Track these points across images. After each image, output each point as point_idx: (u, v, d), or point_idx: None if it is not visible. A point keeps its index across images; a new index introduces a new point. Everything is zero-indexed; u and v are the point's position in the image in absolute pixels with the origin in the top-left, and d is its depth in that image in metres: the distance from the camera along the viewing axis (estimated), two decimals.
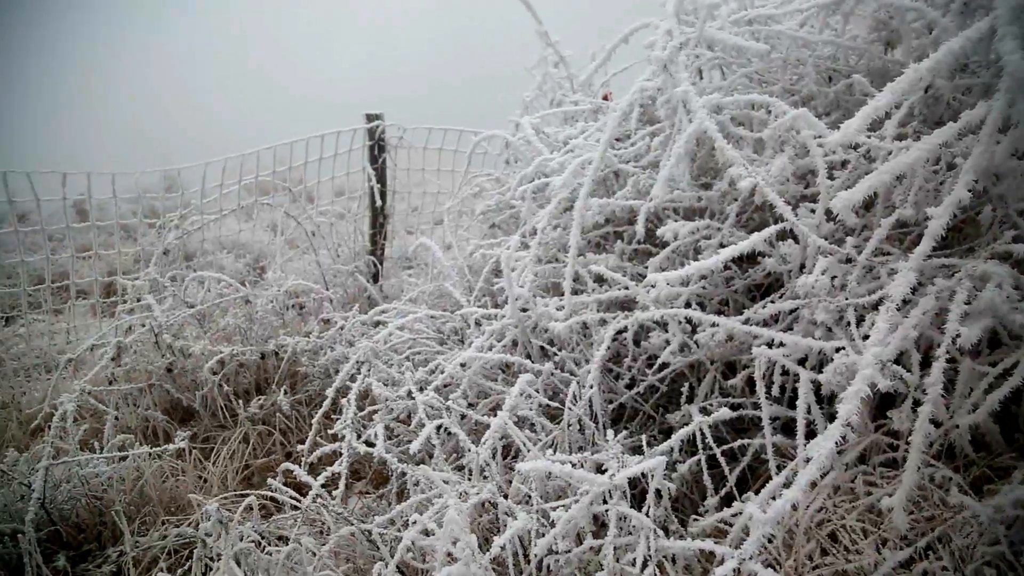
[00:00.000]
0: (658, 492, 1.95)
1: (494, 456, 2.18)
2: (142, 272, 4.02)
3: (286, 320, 3.97)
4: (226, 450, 3.33)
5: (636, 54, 3.46)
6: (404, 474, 2.33)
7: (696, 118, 2.26)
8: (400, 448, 2.70)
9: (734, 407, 2.28)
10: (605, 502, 1.87)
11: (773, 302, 2.28)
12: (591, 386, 2.31)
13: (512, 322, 2.58)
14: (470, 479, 2.14)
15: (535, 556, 1.83)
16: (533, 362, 2.60)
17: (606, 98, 3.91)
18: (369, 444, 2.43)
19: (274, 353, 3.66)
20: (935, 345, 1.72)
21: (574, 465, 1.88)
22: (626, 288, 2.45)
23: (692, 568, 1.97)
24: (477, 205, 3.82)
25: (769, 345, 2.11)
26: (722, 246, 2.42)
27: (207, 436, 3.63)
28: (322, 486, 2.27)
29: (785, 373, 2.15)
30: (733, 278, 2.65)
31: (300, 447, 3.53)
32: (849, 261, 2.12)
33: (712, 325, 2.25)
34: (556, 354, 2.64)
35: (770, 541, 1.92)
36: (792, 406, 2.07)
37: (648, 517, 1.84)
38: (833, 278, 2.08)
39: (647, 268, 2.68)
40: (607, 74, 3.88)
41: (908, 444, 1.66)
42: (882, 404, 2.10)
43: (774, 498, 1.77)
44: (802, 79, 2.73)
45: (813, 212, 2.21)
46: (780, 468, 2.01)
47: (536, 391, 2.39)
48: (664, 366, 2.47)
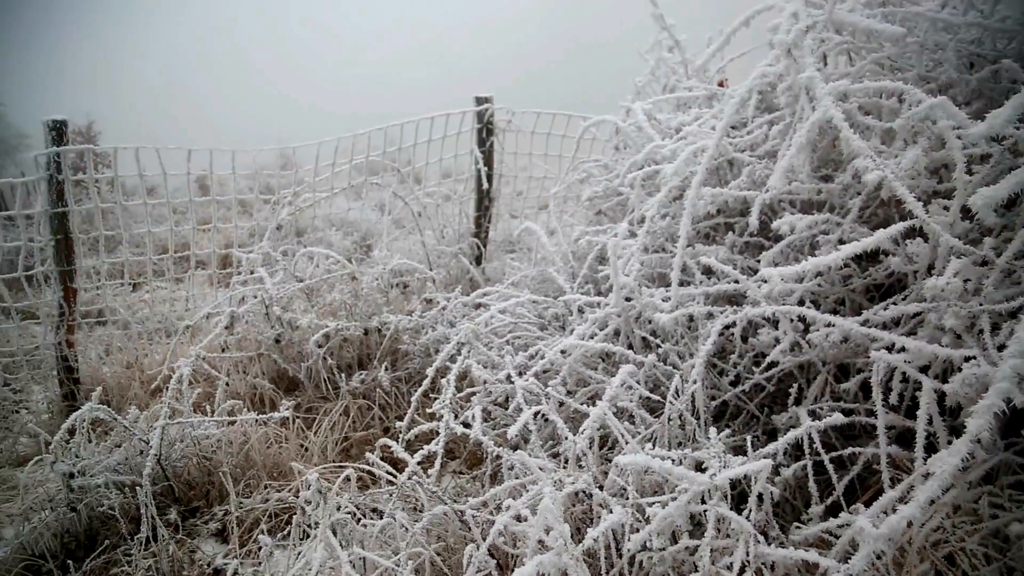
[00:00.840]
0: (759, 496, 1.87)
1: (591, 446, 2.15)
2: (256, 246, 4.18)
3: (390, 298, 4.05)
4: (327, 421, 3.44)
5: (756, 39, 3.32)
6: (499, 457, 2.33)
7: (820, 106, 2.14)
8: (496, 431, 2.70)
9: (846, 412, 2.16)
10: (703, 501, 1.81)
11: (896, 304, 2.14)
12: (695, 381, 2.23)
13: (616, 311, 2.53)
14: (565, 467, 2.11)
15: (628, 551, 1.80)
16: (635, 353, 2.55)
17: (721, 84, 3.78)
18: (466, 425, 2.44)
19: (377, 330, 3.74)
20: None
21: (674, 462, 1.83)
22: (736, 282, 2.36)
23: None
24: (584, 191, 3.77)
25: (889, 349, 1.98)
26: (841, 242, 2.29)
27: (310, 406, 3.76)
28: (418, 464, 2.30)
29: (905, 380, 2.02)
30: (851, 276, 2.51)
31: (398, 423, 3.62)
32: (985, 264, 1.96)
33: (827, 325, 2.13)
34: (659, 346, 2.58)
35: (879, 558, 1.81)
36: (910, 415, 1.95)
37: (748, 521, 1.77)
38: (966, 281, 1.93)
39: (758, 262, 2.58)
40: (723, 59, 3.74)
41: None
42: (1015, 421, 1.95)
43: (886, 513, 1.67)
44: (940, 65, 2.54)
45: (946, 210, 2.05)
46: (894, 481, 1.89)
47: (637, 383, 2.34)
48: (772, 365, 2.37)
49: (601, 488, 2.01)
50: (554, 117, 5.48)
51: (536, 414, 2.31)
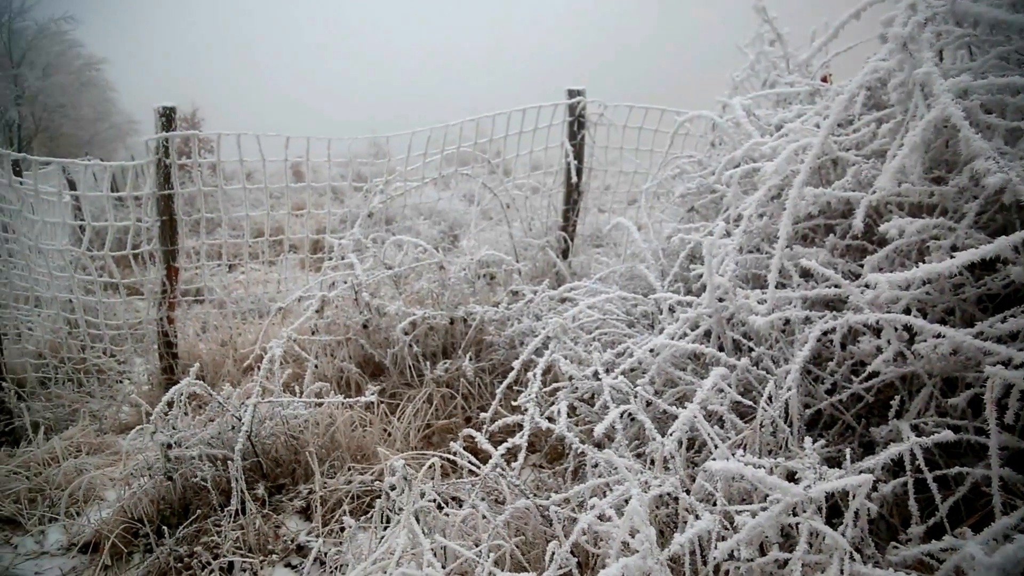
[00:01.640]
0: (856, 512, 1.79)
1: (679, 448, 2.10)
2: (348, 232, 4.27)
3: (476, 288, 4.07)
4: (411, 408, 3.49)
5: (864, 32, 3.17)
6: (582, 454, 2.31)
7: (938, 103, 2.02)
8: (581, 428, 2.68)
9: (954, 429, 2.04)
10: (795, 513, 1.74)
11: (1015, 316, 2.01)
12: (789, 387, 2.15)
13: (708, 311, 2.47)
14: (651, 468, 2.08)
15: (714, 560, 1.75)
16: (727, 355, 2.48)
17: (825, 80, 3.63)
18: (550, 420, 2.43)
19: (463, 320, 3.77)
20: None
21: (765, 470, 1.77)
22: (837, 286, 2.26)
23: None
24: (676, 187, 3.70)
25: (1005, 365, 1.86)
26: (955, 249, 2.16)
27: (394, 392, 3.82)
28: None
29: (1022, 399, 1.89)
30: (963, 285, 2.37)
31: (480, 413, 3.63)
32: None
33: (936, 336, 2.02)
34: (752, 349, 2.50)
35: None
36: None
37: (844, 537, 1.69)
38: None
39: (861, 266, 2.46)
40: (827, 54, 3.59)
41: None
42: None
43: (998, 540, 1.57)
44: None
45: None
46: (1006, 506, 1.78)
47: (728, 386, 2.27)
48: (873, 375, 2.26)
49: (688, 492, 1.96)
50: (647, 111, 5.39)
51: (623, 413, 2.27)
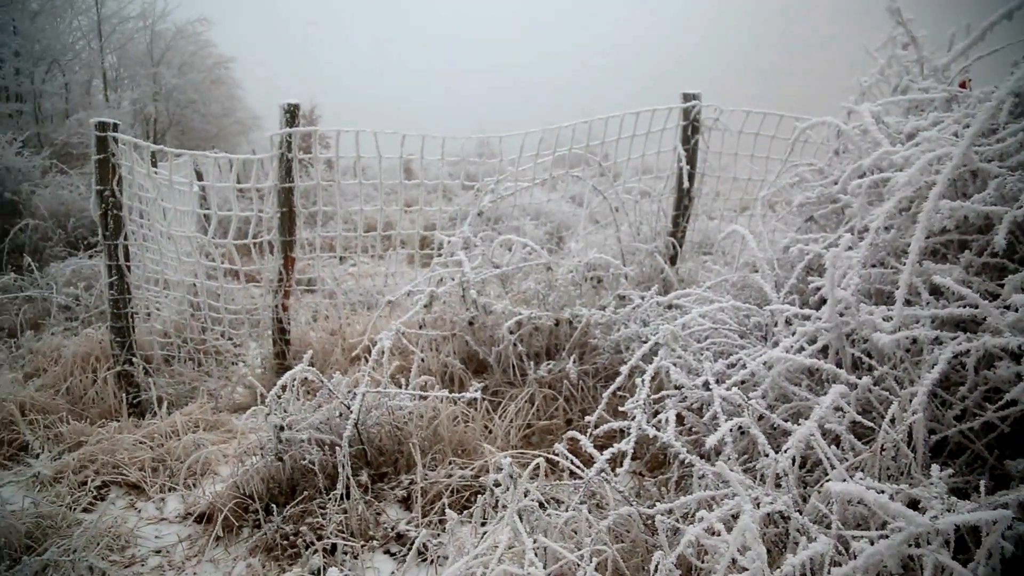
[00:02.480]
0: (989, 550, 1.67)
1: (792, 466, 2.03)
2: (457, 230, 4.33)
3: (582, 291, 4.06)
4: (513, 407, 3.50)
5: (1009, 35, 2.98)
6: (688, 465, 2.26)
7: None
8: (688, 438, 2.63)
9: None
10: (917, 544, 1.64)
11: None
12: (915, 411, 2.04)
13: (828, 326, 2.37)
14: (761, 485, 2.01)
15: None
16: (846, 372, 2.37)
17: (963, 86, 3.42)
18: (656, 428, 2.39)
19: (568, 321, 3.76)
20: None
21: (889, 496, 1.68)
22: (974, 306, 2.12)
23: None
24: (795, 196, 3.57)
25: None
26: None
27: (496, 390, 3.86)
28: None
29: None
30: None
31: (584, 418, 3.61)
32: None
33: None
34: (874, 368, 2.38)
35: None
36: None
37: None
38: None
39: (1000, 286, 2.31)
40: (967, 58, 3.38)
41: None
42: None
43: None
44: None
45: None
46: None
47: (847, 404, 2.17)
48: (1011, 404, 2.12)
49: (800, 512, 1.89)
50: (764, 116, 5.24)
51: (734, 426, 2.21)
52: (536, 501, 2.07)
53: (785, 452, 1.94)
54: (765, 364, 2.40)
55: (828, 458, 1.96)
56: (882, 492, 1.67)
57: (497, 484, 2.00)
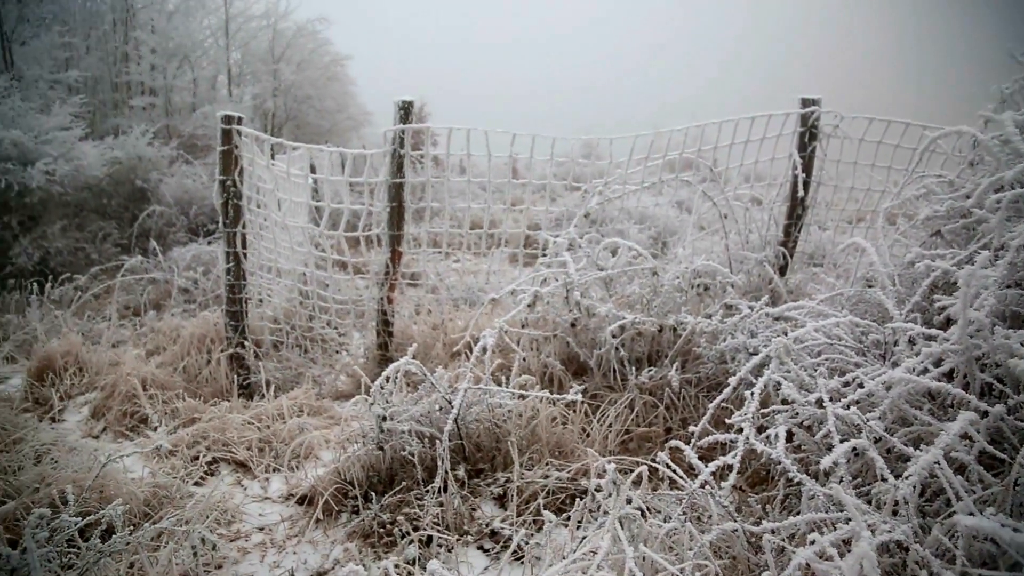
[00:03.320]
0: None
1: (912, 493, 1.91)
2: (564, 231, 4.31)
3: (687, 297, 3.96)
4: (613, 411, 3.46)
5: None
6: (797, 484, 2.17)
7: None
8: (795, 455, 2.52)
9: None
10: None
11: None
12: None
13: (957, 348, 2.22)
14: (877, 511, 1.90)
15: None
16: (975, 399, 2.22)
17: None
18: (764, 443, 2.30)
19: (672, 328, 3.68)
20: None
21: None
22: None
23: None
24: (921, 209, 3.38)
25: None
26: None
27: (595, 393, 3.81)
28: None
29: None
30: None
31: (684, 427, 3.52)
32: None
33: None
34: (1008, 396, 2.22)
35: None
36: None
37: None
38: None
39: None
40: None
41: None
42: None
43: None
44: None
45: None
46: None
47: (977, 433, 2.03)
48: None
49: (920, 544, 1.78)
50: (888, 124, 4.98)
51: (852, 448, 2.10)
52: (639, 509, 2.03)
53: (906, 479, 1.83)
54: (884, 384, 2.27)
55: (954, 489, 1.83)
56: (1017, 530, 1.55)
57: (599, 489, 1.97)
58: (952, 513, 1.83)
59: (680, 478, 2.32)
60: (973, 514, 1.73)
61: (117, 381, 4.58)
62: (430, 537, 2.79)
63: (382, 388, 3.23)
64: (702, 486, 2.13)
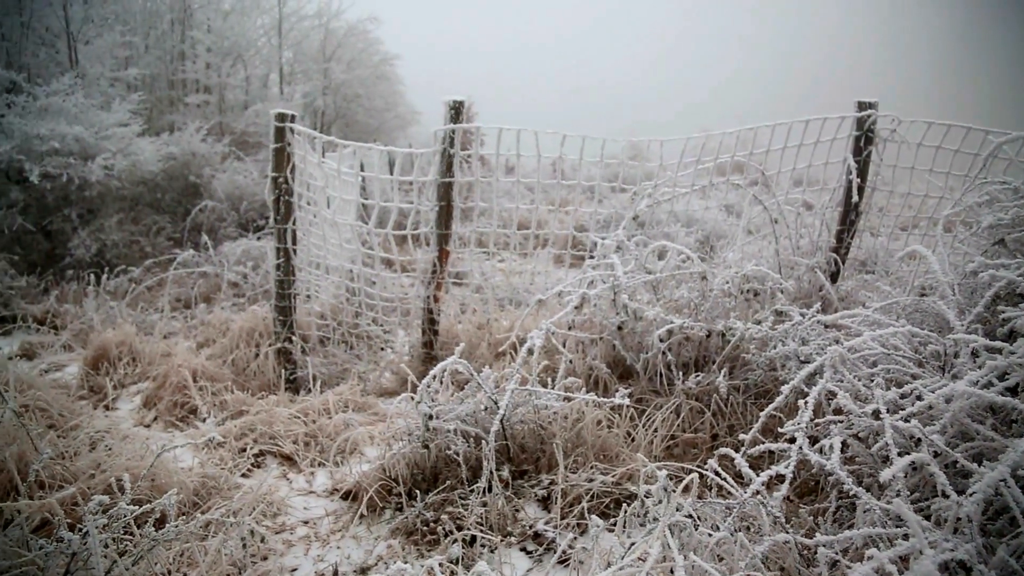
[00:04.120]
0: None
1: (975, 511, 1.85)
2: (612, 233, 4.28)
3: (736, 303, 3.90)
4: (659, 416, 3.42)
5: None
6: (851, 496, 2.11)
7: None
8: (849, 467, 2.46)
9: None
10: None
11: None
12: None
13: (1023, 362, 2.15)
14: (937, 528, 1.85)
15: None
16: None
17: None
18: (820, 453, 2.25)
19: (720, 334, 3.63)
20: None
21: None
22: None
23: None
24: (984, 216, 3.27)
25: None
26: None
27: (640, 398, 3.77)
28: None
29: None
30: None
31: (732, 434, 3.46)
32: None
33: None
34: None
35: None
36: None
37: None
38: None
39: None
40: None
41: None
42: None
43: None
44: None
45: None
46: None
47: None
48: None
49: (985, 564, 1.72)
50: (948, 129, 4.84)
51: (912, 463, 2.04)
52: (689, 517, 2.00)
53: (970, 496, 1.77)
54: (944, 397, 2.21)
55: (1021, 507, 1.77)
56: None
57: (648, 495, 1.94)
58: (1019, 533, 1.77)
59: (731, 487, 2.28)
60: None
61: (168, 372, 4.68)
62: (473, 537, 2.79)
63: (428, 387, 3.24)
64: (753, 495, 2.09)
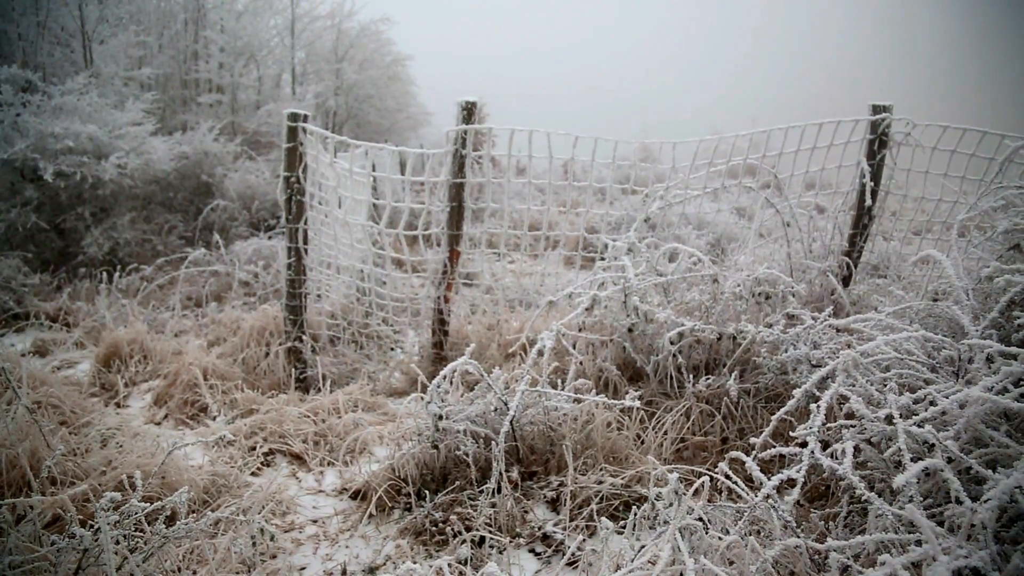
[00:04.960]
0: None
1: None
2: (623, 235, 4.27)
3: (747, 306, 3.88)
4: (669, 419, 3.41)
5: None
6: (862, 501, 2.10)
7: None
8: (860, 472, 2.45)
9: None
10: None
11: None
12: None
13: None
14: (950, 534, 1.83)
15: None
16: None
17: None
18: (832, 458, 2.24)
19: (731, 337, 3.61)
20: None
21: None
22: None
23: None
24: (999, 221, 3.25)
25: None
26: None
27: (650, 400, 3.76)
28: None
29: None
30: None
31: (742, 437, 3.45)
32: None
33: None
34: None
35: None
36: None
37: None
38: None
39: None
40: None
41: None
42: None
43: None
44: None
45: None
46: None
47: None
48: None
49: (999, 572, 1.70)
50: (963, 133, 4.80)
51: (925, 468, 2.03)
52: (700, 520, 2.00)
53: (985, 502, 1.75)
54: (958, 403, 2.19)
55: None
56: None
57: (659, 497, 1.94)
58: None
59: (742, 490, 2.27)
60: None
61: (179, 370, 4.70)
62: (482, 538, 2.79)
63: (439, 387, 3.24)
64: (764, 499, 2.08)
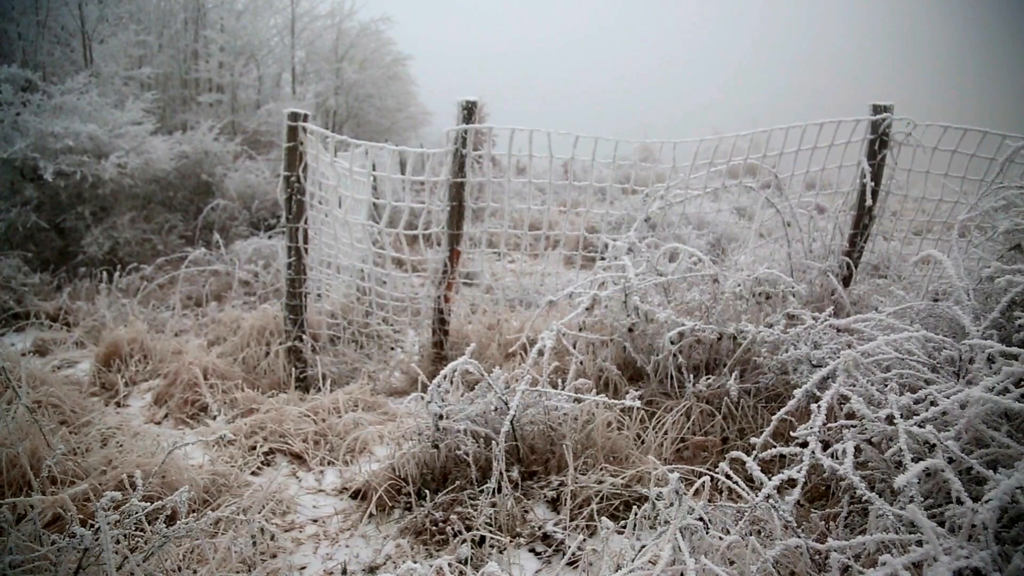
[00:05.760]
0: None
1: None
2: (624, 235, 4.27)
3: (747, 306, 3.88)
4: (669, 419, 3.41)
5: None
6: (862, 502, 2.10)
7: None
8: (861, 472, 2.45)
9: None
10: None
11: None
12: None
13: None
14: (951, 535, 1.83)
15: None
16: None
17: None
18: (833, 458, 2.24)
19: (732, 337, 3.61)
20: None
21: None
22: None
23: None
24: (1000, 221, 3.25)
25: None
26: None
27: (651, 400, 3.76)
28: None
29: None
30: None
31: (742, 437, 3.45)
32: None
33: None
34: None
35: None
36: None
37: None
38: None
39: None
40: None
41: None
42: None
43: None
44: None
45: None
46: None
47: None
48: None
49: (1000, 572, 1.70)
50: (964, 133, 4.80)
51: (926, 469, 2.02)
52: (700, 520, 1.99)
53: (986, 503, 1.75)
54: (959, 403, 2.19)
55: None
56: None
57: (659, 497, 1.93)
58: None
59: (743, 490, 2.27)
60: None
61: (179, 369, 4.70)
62: (482, 537, 2.79)
63: (439, 386, 3.24)
64: (765, 499, 2.08)
